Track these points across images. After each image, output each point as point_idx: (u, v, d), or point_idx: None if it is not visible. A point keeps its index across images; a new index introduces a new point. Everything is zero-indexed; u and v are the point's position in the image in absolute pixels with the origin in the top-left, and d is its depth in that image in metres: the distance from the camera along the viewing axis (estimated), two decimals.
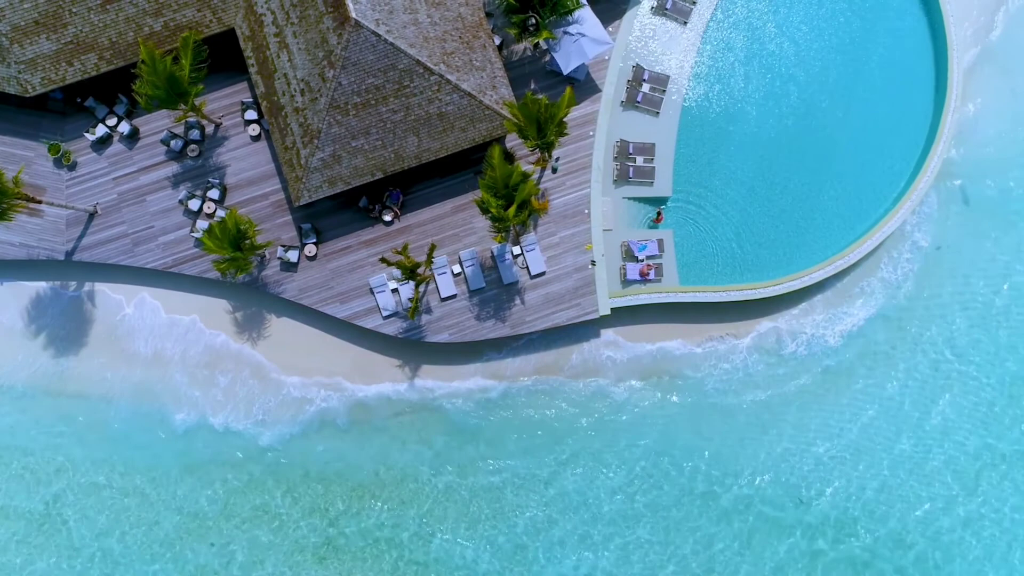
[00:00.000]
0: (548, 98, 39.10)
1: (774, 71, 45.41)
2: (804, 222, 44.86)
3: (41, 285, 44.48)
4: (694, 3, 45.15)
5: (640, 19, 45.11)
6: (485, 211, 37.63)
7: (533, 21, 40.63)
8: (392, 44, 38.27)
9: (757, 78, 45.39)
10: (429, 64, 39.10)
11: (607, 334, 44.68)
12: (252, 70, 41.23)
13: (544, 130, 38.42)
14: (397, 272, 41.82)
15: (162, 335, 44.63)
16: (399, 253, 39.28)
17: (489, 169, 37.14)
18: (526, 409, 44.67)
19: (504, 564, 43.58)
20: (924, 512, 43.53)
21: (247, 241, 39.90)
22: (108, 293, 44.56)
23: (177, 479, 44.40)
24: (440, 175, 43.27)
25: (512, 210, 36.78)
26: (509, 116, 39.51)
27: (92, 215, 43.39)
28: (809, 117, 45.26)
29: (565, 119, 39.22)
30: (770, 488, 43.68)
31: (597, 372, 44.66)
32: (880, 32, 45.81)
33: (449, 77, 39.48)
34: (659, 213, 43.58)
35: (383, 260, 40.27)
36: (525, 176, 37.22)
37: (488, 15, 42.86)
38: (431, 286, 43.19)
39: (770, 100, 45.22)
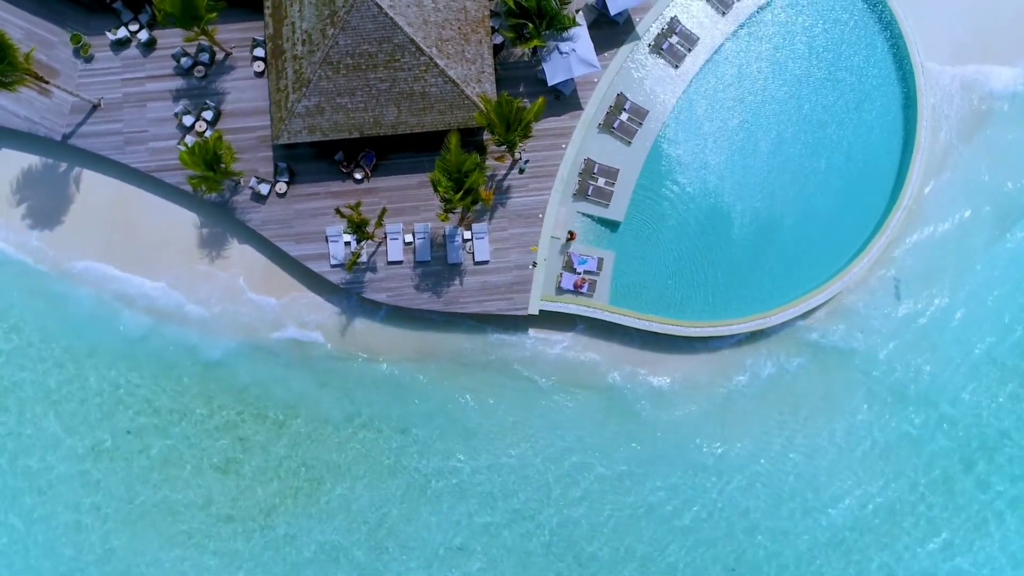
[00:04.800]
0: (523, 102, 41.92)
1: (748, 132, 47.90)
2: (740, 277, 47.33)
3: (34, 159, 47.85)
4: (689, 50, 47.69)
5: (636, 52, 47.74)
6: (436, 189, 40.52)
7: (528, 29, 43.33)
8: (392, 19, 41.30)
9: (730, 134, 47.91)
10: (422, 45, 42.07)
11: (532, 332, 47.30)
12: (267, 11, 44.47)
13: (511, 129, 41.25)
14: None
15: (135, 234, 47.64)
16: (351, 208, 42.22)
17: (446, 152, 40.06)
18: (444, 382, 47.29)
19: (392, 519, 46.46)
20: None
21: (221, 165, 43.06)
22: (93, 182, 47.76)
23: (112, 364, 47.30)
24: (415, 150, 46.07)
25: (458, 195, 39.63)
26: (483, 109, 42.30)
27: (95, 107, 46.77)
28: (770, 181, 47.74)
29: (533, 124, 42.02)
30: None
31: (517, 364, 47.21)
32: (857, 118, 48.12)
33: (438, 61, 42.44)
34: (572, 233, 46.09)
35: (337, 211, 43.23)
36: (478, 166, 40.06)
37: (495, 14, 45.69)
38: (381, 248, 46.14)
39: (736, 157, 47.72)
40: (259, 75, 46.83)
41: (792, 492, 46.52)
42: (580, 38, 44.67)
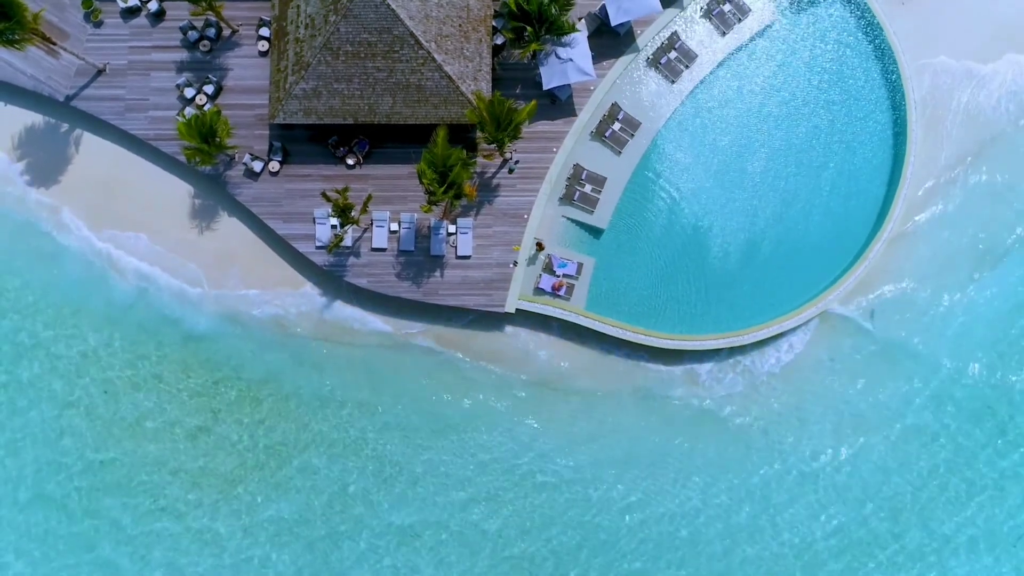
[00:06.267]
0: (515, 103, 42.67)
1: (738, 151, 48.49)
2: (717, 293, 47.91)
3: (37, 118, 48.79)
4: (687, 66, 48.29)
5: (634, 64, 48.38)
6: (421, 180, 41.28)
7: (528, 32, 44.00)
8: (393, 11, 42.08)
9: (720, 152, 48.51)
10: (422, 39, 42.84)
11: (508, 329, 48.02)
12: None
13: (501, 129, 41.97)
14: None
15: (128, 200, 48.44)
16: (338, 192, 43.01)
17: (433, 145, 40.82)
18: (417, 371, 47.95)
19: (350, 497, 47.33)
20: None
21: (216, 139, 43.90)
22: (92, 145, 48.62)
23: (96, 326, 48.25)
24: (408, 141, 46.69)
25: (442, 188, 40.38)
26: (475, 106, 43.00)
27: (100, 72, 47.69)
28: (756, 201, 48.33)
29: (523, 126, 42.69)
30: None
31: (489, 359, 47.96)
32: (847, 146, 48.74)
33: (436, 56, 43.19)
34: (540, 244, 46.79)
35: (324, 195, 44.00)
36: (462, 162, 40.80)
37: (498, 15, 46.36)
38: (367, 234, 46.91)
39: (724, 176, 48.35)
40: (263, 54, 47.67)
41: (746, 521, 47.43)
42: (579, 45, 45.36)
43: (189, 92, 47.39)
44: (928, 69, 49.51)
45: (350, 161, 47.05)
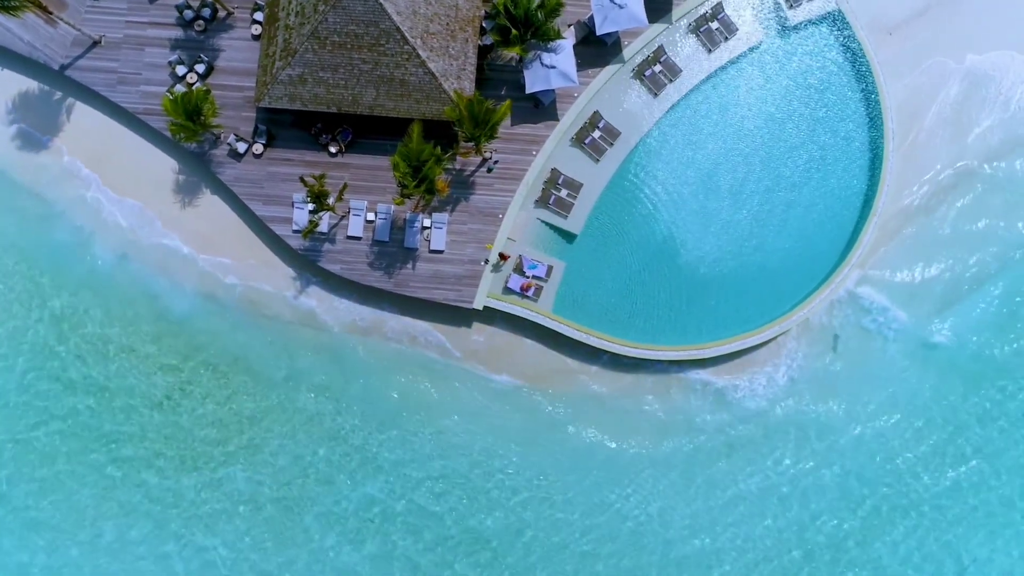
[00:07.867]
0: (492, 104, 43.44)
1: (714, 167, 49.12)
2: (682, 307, 48.53)
3: (31, 84, 49.77)
4: (671, 80, 48.93)
5: (619, 74, 49.02)
6: (394, 172, 42.07)
7: (513, 34, 44.67)
8: (381, 5, 42.86)
9: (697, 167, 49.13)
10: (408, 35, 43.60)
11: (475, 326, 48.78)
12: None
13: (478, 127, 42.71)
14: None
15: (114, 171, 49.43)
16: (315, 178, 43.83)
17: (408, 139, 41.59)
18: (385, 359, 48.75)
19: (311, 478, 48.36)
20: None
21: (201, 117, 44.75)
22: (82, 115, 49.59)
23: (74, 290, 49.24)
24: (390, 134, 47.36)
25: (414, 182, 41.15)
26: (455, 104, 43.72)
27: (95, 43, 48.59)
28: (728, 218, 48.97)
29: (502, 127, 43.49)
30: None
31: (459, 354, 48.74)
32: (822, 169, 49.38)
33: (421, 52, 43.93)
34: (502, 255, 47.44)
35: (302, 179, 44.82)
36: (435, 157, 41.56)
37: (489, 16, 47.07)
38: (344, 222, 47.72)
39: (699, 190, 48.98)
40: (255, 38, 48.47)
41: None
42: (564, 52, 46.02)
43: (181, 69, 48.25)
44: (925, 73, 50.27)
45: (332, 149, 47.84)
